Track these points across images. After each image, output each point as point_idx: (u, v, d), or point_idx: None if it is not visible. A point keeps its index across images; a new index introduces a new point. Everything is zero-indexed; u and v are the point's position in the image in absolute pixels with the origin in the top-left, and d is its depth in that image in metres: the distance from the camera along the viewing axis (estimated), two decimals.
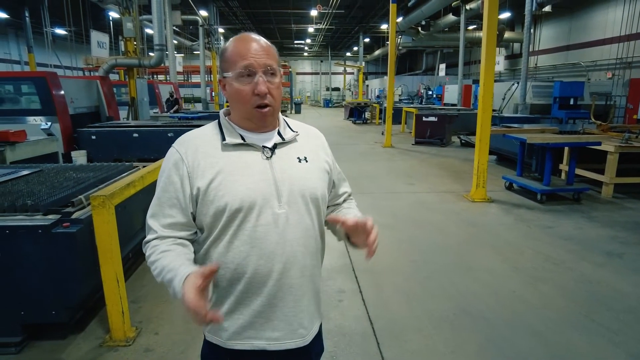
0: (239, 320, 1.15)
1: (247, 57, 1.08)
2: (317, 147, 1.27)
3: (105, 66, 10.39)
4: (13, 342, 2.58)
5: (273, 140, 1.17)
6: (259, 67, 1.08)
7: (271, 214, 1.10)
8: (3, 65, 23.87)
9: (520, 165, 6.46)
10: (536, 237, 4.65)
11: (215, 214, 1.09)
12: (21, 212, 2.61)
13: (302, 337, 1.20)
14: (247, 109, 1.12)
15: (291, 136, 1.20)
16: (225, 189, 1.08)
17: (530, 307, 3.18)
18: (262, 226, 1.09)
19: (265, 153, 1.14)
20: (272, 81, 1.11)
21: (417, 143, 12.05)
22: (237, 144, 1.13)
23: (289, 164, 1.16)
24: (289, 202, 1.12)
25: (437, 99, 20.70)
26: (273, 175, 1.12)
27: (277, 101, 1.14)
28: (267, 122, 1.16)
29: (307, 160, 1.20)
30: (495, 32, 5.57)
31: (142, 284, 3.53)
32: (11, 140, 5.58)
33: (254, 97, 1.09)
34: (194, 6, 18.09)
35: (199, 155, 1.11)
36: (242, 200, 1.08)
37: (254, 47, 1.10)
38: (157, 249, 1.09)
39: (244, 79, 1.09)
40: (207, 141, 1.15)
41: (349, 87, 40.11)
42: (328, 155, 1.30)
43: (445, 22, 19.19)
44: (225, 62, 1.12)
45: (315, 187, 1.18)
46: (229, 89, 1.12)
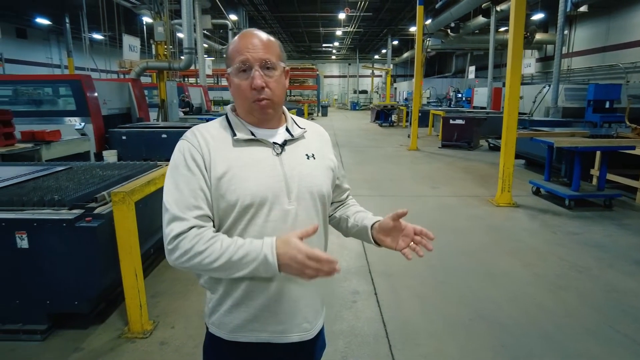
0: (244, 313, 1.15)
1: (244, 52, 1.09)
2: (322, 144, 1.28)
3: (136, 69, 10.74)
4: (39, 329, 2.71)
5: (282, 137, 1.18)
6: (255, 61, 1.09)
7: (281, 210, 1.11)
8: (45, 69, 25.03)
9: (548, 169, 6.26)
10: (561, 244, 4.50)
11: (225, 208, 1.09)
12: (49, 206, 2.75)
13: (307, 330, 1.21)
14: (247, 103, 1.13)
15: (299, 133, 1.22)
16: (236, 184, 1.08)
17: (550, 314, 3.08)
18: (272, 222, 1.10)
19: (276, 149, 1.15)
20: (270, 75, 1.11)
21: (443, 146, 11.87)
22: (248, 140, 1.14)
23: (298, 160, 1.17)
24: (298, 198, 1.13)
25: (466, 101, 20.32)
26: (283, 172, 1.13)
27: (276, 94, 1.14)
28: (268, 115, 1.16)
29: (315, 157, 1.21)
30: (522, 33, 5.43)
31: (161, 279, 3.63)
32: (47, 140, 5.85)
33: (252, 91, 1.10)
34: (223, 10, 18.48)
35: (210, 147, 1.11)
36: (253, 196, 1.08)
37: (252, 42, 1.11)
38: (203, 237, 1.03)
39: (242, 74, 1.10)
40: (217, 135, 1.15)
41: (377, 90, 39.92)
42: (332, 152, 1.31)
43: (475, 24, 18.82)
44: (227, 59, 1.15)
45: (322, 184, 1.20)
46: (230, 84, 1.15)
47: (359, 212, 1.38)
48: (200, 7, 16.23)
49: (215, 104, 19.93)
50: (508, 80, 5.52)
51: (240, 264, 1.02)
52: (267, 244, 1.02)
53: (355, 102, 38.05)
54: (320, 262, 0.97)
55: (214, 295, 1.18)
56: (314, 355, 1.30)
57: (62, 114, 8.43)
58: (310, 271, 0.98)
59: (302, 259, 0.97)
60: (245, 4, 21.07)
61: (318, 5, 22.28)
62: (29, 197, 2.83)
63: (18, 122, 6.53)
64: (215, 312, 1.19)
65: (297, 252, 0.98)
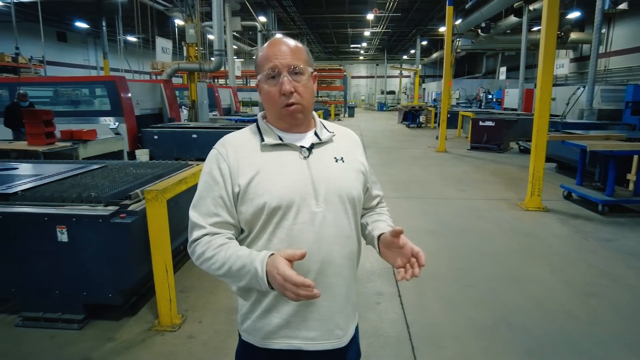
0: (275, 319, 1.15)
1: (272, 59, 1.12)
2: (352, 148, 1.28)
3: (168, 70, 11.05)
4: (76, 319, 2.86)
5: (310, 140, 1.19)
6: (284, 67, 1.11)
7: (308, 212, 1.11)
8: (83, 71, 26.08)
9: (581, 173, 6.07)
10: (593, 250, 4.37)
11: (254, 212, 1.11)
12: (86, 203, 2.89)
13: (339, 338, 1.20)
14: (277, 109, 1.15)
15: (328, 136, 1.22)
16: (264, 187, 1.10)
17: (579, 323, 3.00)
18: (300, 224, 1.11)
19: (303, 153, 1.16)
20: (299, 80, 1.13)
21: (472, 148, 11.66)
22: (276, 144, 1.16)
23: (326, 163, 1.18)
24: (326, 201, 1.13)
25: (496, 103, 19.89)
26: (310, 175, 1.14)
27: (305, 99, 1.15)
28: (298, 120, 1.17)
29: (344, 160, 1.21)
30: (555, 32, 5.30)
31: (190, 274, 3.75)
32: (84, 139, 6.11)
33: (281, 97, 1.12)
34: (253, 12, 18.74)
35: (239, 155, 1.14)
36: (280, 198, 1.09)
37: (280, 49, 1.13)
38: (212, 244, 1.10)
39: (271, 81, 1.13)
40: (246, 142, 1.18)
41: (405, 91, 39.56)
42: (363, 156, 1.30)
43: (507, 24, 18.37)
44: (257, 67, 1.17)
45: (351, 187, 1.19)
46: (260, 90, 1.17)
47: (377, 220, 1.33)
48: (230, 10, 16.51)
49: (244, 105, 20.26)
50: (539, 81, 5.39)
51: (239, 275, 1.06)
52: (259, 259, 1.03)
53: (382, 102, 37.83)
54: (296, 285, 0.95)
55: (246, 303, 1.20)
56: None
57: (98, 113, 8.79)
58: (289, 293, 0.97)
59: (280, 281, 0.97)
60: (274, 6, 21.33)
61: (346, 6, 22.30)
62: (68, 193, 2.99)
63: (57, 122, 6.84)
64: (247, 319, 1.20)
65: (276, 273, 0.98)
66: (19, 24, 19.28)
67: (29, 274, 2.83)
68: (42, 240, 2.76)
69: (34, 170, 3.84)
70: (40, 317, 2.88)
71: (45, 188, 3.14)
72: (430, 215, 5.59)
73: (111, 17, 20.30)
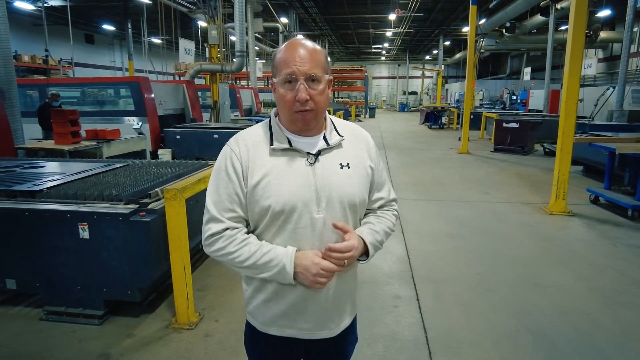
0: (274, 309, 1.25)
1: (291, 64, 1.13)
2: (361, 151, 1.29)
3: (191, 71, 11.22)
4: (97, 314, 2.92)
5: (318, 146, 1.22)
6: (301, 74, 1.13)
7: (309, 218, 1.17)
8: (109, 72, 26.76)
9: (609, 177, 5.86)
10: (622, 257, 4.20)
11: (259, 212, 1.18)
12: (107, 201, 2.95)
13: (330, 329, 1.29)
14: (290, 113, 1.17)
15: (336, 141, 1.24)
16: (270, 191, 1.16)
17: (606, 332, 2.89)
18: (301, 229, 1.18)
19: (309, 159, 1.19)
20: (315, 87, 1.15)
21: (495, 150, 11.42)
22: (284, 149, 1.20)
23: (331, 170, 1.21)
24: (327, 207, 1.19)
25: (521, 104, 19.44)
26: (314, 182, 1.18)
27: (319, 106, 1.18)
28: (310, 125, 1.20)
29: (350, 166, 1.24)
30: (583, 30, 5.13)
31: (209, 274, 3.78)
32: (108, 138, 6.25)
33: (296, 103, 1.14)
34: (275, 13, 18.86)
35: (250, 155, 1.19)
36: (284, 203, 1.15)
37: (299, 54, 1.14)
38: (236, 239, 1.17)
39: (287, 85, 1.15)
40: (257, 143, 1.22)
41: (427, 91, 39.13)
42: (372, 158, 1.32)
43: (533, 24, 17.95)
44: (274, 67, 1.19)
45: (354, 194, 1.23)
46: (275, 92, 1.19)
47: (367, 222, 1.32)
48: (252, 11, 16.66)
49: (265, 106, 20.40)
50: (565, 81, 5.23)
51: (264, 268, 1.16)
52: (287, 254, 1.15)
53: (404, 103, 37.51)
54: (330, 272, 1.15)
55: (249, 288, 1.31)
56: (342, 349, 1.39)
57: (122, 113, 8.98)
58: (319, 279, 1.14)
59: (315, 270, 1.14)
60: (295, 7, 21.41)
61: (368, 6, 22.20)
62: (91, 191, 3.05)
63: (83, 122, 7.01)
64: (249, 303, 1.31)
65: (312, 263, 1.14)
66: (50, 27, 19.94)
67: (52, 270, 2.91)
68: (64, 237, 2.82)
69: (59, 169, 3.94)
70: (62, 311, 2.95)
71: (69, 186, 3.22)
72: (450, 218, 5.49)
73: (136, 19, 20.77)
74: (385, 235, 1.32)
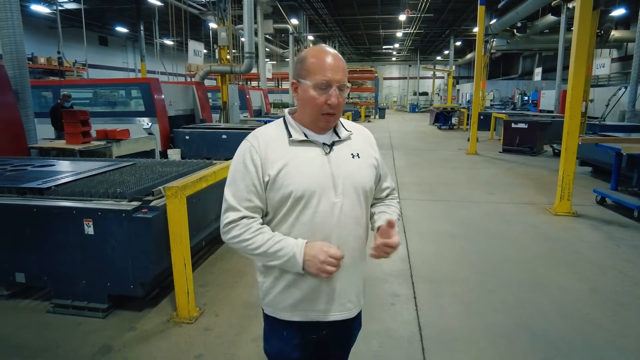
0: (295, 294, 1.33)
1: (327, 72, 1.25)
2: (366, 145, 1.43)
3: (201, 72, 11.37)
4: (101, 308, 3.01)
5: (331, 138, 1.35)
6: (335, 82, 1.26)
7: (328, 202, 1.28)
8: (122, 73, 27.17)
9: (616, 178, 5.80)
10: (626, 258, 4.17)
11: (280, 199, 1.27)
12: (112, 198, 3.04)
13: (349, 310, 1.40)
14: (316, 115, 1.29)
15: (346, 135, 1.37)
16: (291, 178, 1.26)
17: (605, 333, 2.88)
18: (321, 213, 1.27)
19: (325, 149, 1.32)
20: (342, 95, 1.29)
21: (504, 151, 11.35)
22: (302, 140, 1.31)
23: (344, 159, 1.33)
24: (344, 193, 1.30)
25: (532, 105, 19.26)
26: (330, 169, 1.29)
27: (341, 110, 1.32)
28: (330, 126, 1.35)
29: (359, 156, 1.37)
30: (588, 30, 5.11)
31: (212, 270, 3.86)
32: (117, 138, 6.38)
33: (325, 106, 1.27)
34: (285, 15, 18.97)
35: (269, 148, 1.29)
36: (304, 189, 1.25)
37: (333, 63, 1.27)
38: (251, 227, 1.27)
39: (320, 90, 1.26)
40: (275, 137, 1.32)
41: (438, 92, 38.92)
42: (376, 152, 1.45)
43: (544, 23, 17.77)
44: (305, 70, 1.28)
45: (365, 181, 1.36)
46: (302, 93, 1.30)
47: (382, 212, 1.47)
48: (262, 12, 16.77)
49: (274, 107, 20.53)
50: (570, 81, 5.20)
51: (275, 256, 1.25)
52: (298, 244, 1.25)
53: (414, 104, 37.36)
54: (337, 259, 1.22)
55: (267, 279, 1.37)
56: (352, 333, 1.51)
57: (132, 114, 9.15)
58: (327, 267, 1.22)
59: (323, 257, 1.21)
60: (305, 8, 21.49)
61: (378, 7, 22.20)
62: (97, 189, 3.15)
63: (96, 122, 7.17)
64: (268, 294, 1.37)
65: (320, 251, 1.22)
66: (65, 29, 20.33)
67: (58, 264, 3.01)
68: (70, 233, 2.92)
69: (68, 167, 4.06)
70: (69, 304, 3.05)
71: (76, 184, 3.32)
72: (455, 219, 5.49)
73: (149, 21, 21.07)
74: (397, 220, 1.42)
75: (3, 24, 5.67)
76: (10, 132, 5.51)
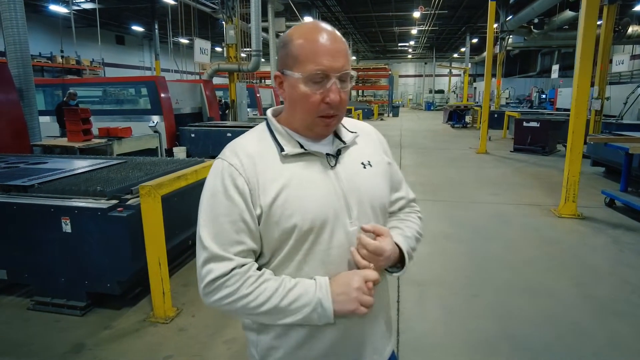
0: (308, 356, 1.00)
1: (322, 59, 0.90)
2: (376, 148, 1.12)
3: (209, 71, 11.42)
4: (79, 305, 3.03)
5: (334, 146, 1.02)
6: (335, 72, 0.91)
7: (344, 233, 0.96)
8: (138, 71, 27.62)
9: (626, 179, 5.57)
10: (628, 264, 3.99)
11: (280, 236, 0.94)
12: (92, 196, 3.05)
13: (380, 353, 1.09)
14: (311, 117, 0.95)
15: (351, 138, 1.04)
16: (292, 207, 0.92)
17: (593, 344, 2.74)
18: (336, 248, 0.96)
19: (330, 162, 0.99)
20: (344, 87, 0.94)
21: (515, 150, 11.07)
22: (298, 154, 0.97)
23: (354, 171, 1.01)
24: (360, 216, 0.99)
25: (549, 103, 18.78)
26: (340, 187, 0.97)
27: (345, 109, 0.98)
28: (330, 131, 1.02)
29: (371, 164, 1.05)
30: (594, 24, 4.91)
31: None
32: (119, 136, 6.44)
33: (323, 105, 0.93)
34: (297, 13, 18.93)
35: (257, 168, 0.94)
36: (313, 219, 0.93)
37: (331, 45, 0.91)
38: (249, 278, 0.91)
39: (313, 85, 0.91)
40: (262, 151, 0.97)
41: (454, 90, 38.36)
42: (387, 153, 1.14)
43: (562, 19, 17.24)
44: (291, 57, 0.92)
45: (383, 196, 1.06)
46: (290, 90, 0.95)
47: (394, 227, 1.12)
48: (273, 10, 16.77)
49: None
50: (576, 79, 5.01)
51: (290, 310, 0.91)
52: (321, 286, 0.92)
53: (430, 102, 36.92)
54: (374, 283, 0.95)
55: (264, 336, 1.02)
56: None
57: (139, 112, 9.24)
58: (365, 298, 0.92)
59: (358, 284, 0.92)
60: (318, 6, 21.41)
61: (392, 4, 21.97)
62: (79, 187, 3.16)
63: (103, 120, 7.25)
64: (268, 356, 1.02)
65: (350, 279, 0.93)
66: (83, 29, 20.73)
67: (39, 261, 3.03)
68: (49, 230, 2.94)
69: (59, 165, 4.09)
70: (49, 302, 3.07)
71: (60, 181, 3.35)
72: (452, 220, 5.36)
73: (163, 20, 21.32)
74: (416, 241, 1.11)
75: (7, 24, 5.79)
76: (12, 130, 5.62)
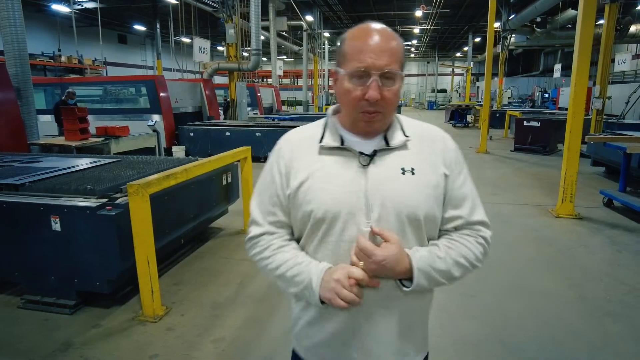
0: (316, 336, 1.08)
1: (365, 56, 0.94)
2: (433, 155, 1.05)
3: (209, 70, 11.43)
4: (68, 304, 3.02)
5: (374, 146, 1.02)
6: (376, 69, 0.93)
7: (357, 230, 0.98)
8: (140, 70, 27.67)
9: (624, 179, 5.52)
10: (625, 265, 3.95)
11: (302, 218, 1.03)
12: (82, 195, 3.04)
13: None
14: (353, 113, 0.99)
15: (400, 142, 1.03)
16: (312, 194, 1.00)
17: (586, 346, 2.70)
18: (346, 242, 0.99)
19: (362, 160, 1.00)
20: (389, 86, 0.95)
21: (516, 150, 11.02)
22: (334, 147, 1.03)
23: (389, 175, 1.00)
24: (380, 220, 0.98)
25: (552, 102, 18.69)
26: (365, 187, 0.98)
27: (389, 108, 0.99)
28: (374, 128, 1.02)
29: (414, 172, 1.01)
30: (592, 24, 4.88)
31: (189, 268, 3.83)
32: (117, 135, 6.44)
33: (363, 101, 0.96)
34: (298, 12, 18.91)
35: (295, 154, 1.05)
36: (325, 210, 0.98)
37: (377, 44, 0.94)
38: (272, 245, 1.05)
39: (356, 81, 0.95)
40: (305, 140, 1.07)
41: (457, 89, 38.26)
42: (448, 164, 1.05)
43: (565, 18, 17.14)
44: (342, 55, 0.99)
45: (417, 206, 0.99)
46: (338, 85, 1.01)
47: (432, 244, 1.06)
48: (275, 9, 16.74)
49: (288, 104, 20.53)
50: (573, 78, 4.96)
51: (292, 281, 1.01)
52: (317, 269, 0.99)
53: (432, 101, 36.83)
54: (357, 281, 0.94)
55: (296, 307, 1.13)
56: None
57: (138, 111, 9.25)
58: (346, 293, 0.92)
59: (340, 276, 0.94)
60: (320, 5, 21.38)
61: (394, 3, 21.91)
62: (69, 185, 3.15)
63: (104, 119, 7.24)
64: (296, 324, 1.14)
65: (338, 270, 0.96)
66: (86, 28, 20.79)
67: (29, 260, 3.02)
68: (39, 229, 2.93)
69: (53, 164, 4.09)
70: (38, 300, 3.07)
71: (51, 180, 3.34)
72: None
73: (165, 19, 21.35)
74: (455, 265, 1.03)
75: (5, 22, 5.79)
76: (9, 129, 5.63)
